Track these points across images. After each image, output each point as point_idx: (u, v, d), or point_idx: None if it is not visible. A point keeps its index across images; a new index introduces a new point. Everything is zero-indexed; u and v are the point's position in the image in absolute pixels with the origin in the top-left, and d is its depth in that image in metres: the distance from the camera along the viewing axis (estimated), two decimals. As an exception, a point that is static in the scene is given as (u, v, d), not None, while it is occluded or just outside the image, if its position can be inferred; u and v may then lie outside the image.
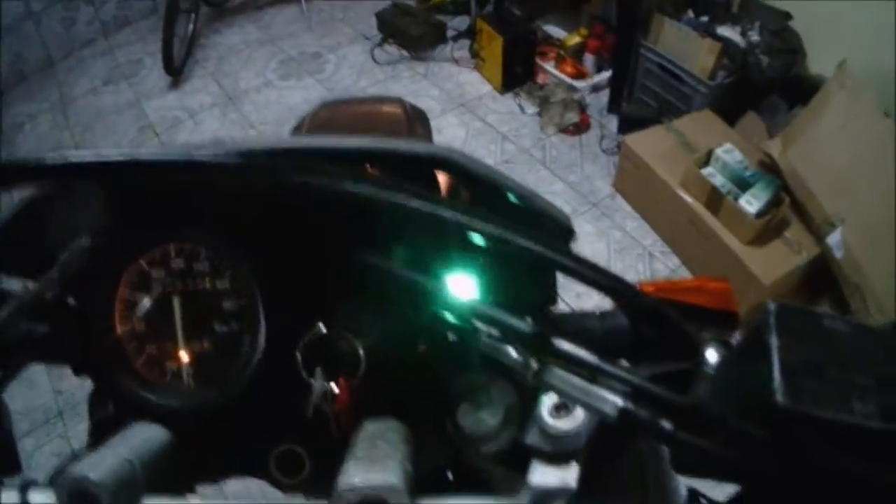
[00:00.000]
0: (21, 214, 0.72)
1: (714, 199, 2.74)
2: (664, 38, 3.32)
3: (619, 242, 3.14)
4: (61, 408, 2.68)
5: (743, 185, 2.70)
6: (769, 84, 3.14)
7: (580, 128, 3.71)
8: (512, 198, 0.66)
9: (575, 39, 3.95)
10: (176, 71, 4.22)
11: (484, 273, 0.71)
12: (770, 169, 2.78)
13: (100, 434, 0.70)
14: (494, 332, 0.56)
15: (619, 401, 0.49)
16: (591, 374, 0.52)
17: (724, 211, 2.71)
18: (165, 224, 0.75)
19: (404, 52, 4.37)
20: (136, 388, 0.75)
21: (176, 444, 0.68)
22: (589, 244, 3.12)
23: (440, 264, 0.69)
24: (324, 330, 0.73)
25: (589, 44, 3.93)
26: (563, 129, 3.71)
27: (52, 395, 2.71)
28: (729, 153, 2.78)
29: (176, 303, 0.75)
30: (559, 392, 0.53)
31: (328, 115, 1.62)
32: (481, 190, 0.67)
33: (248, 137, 3.69)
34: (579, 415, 0.57)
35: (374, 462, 0.58)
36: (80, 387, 1.48)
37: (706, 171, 2.81)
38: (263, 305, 0.74)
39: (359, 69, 4.32)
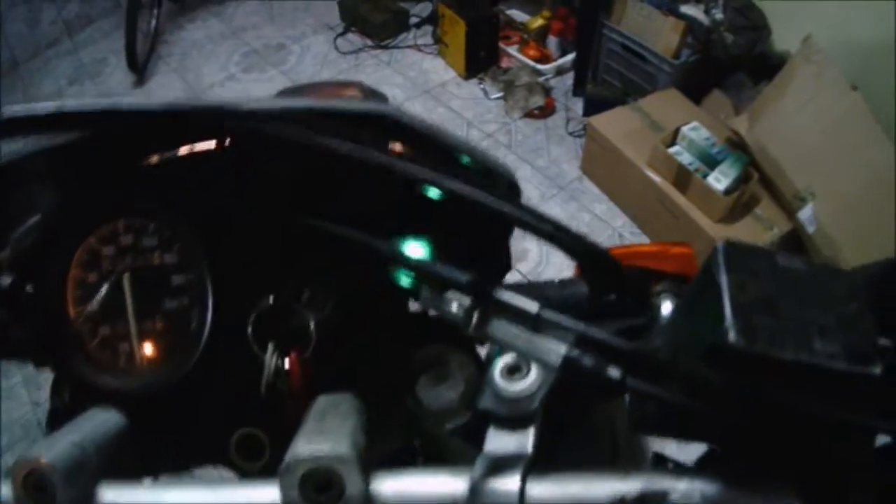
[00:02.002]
0: None
1: (682, 178, 2.72)
2: (627, 17, 3.29)
3: (588, 225, 3.10)
4: (40, 419, 2.60)
5: (711, 162, 2.67)
6: (734, 61, 3.12)
7: (545, 111, 3.67)
8: (463, 158, 0.63)
9: (538, 22, 3.91)
10: (140, 68, 4.15)
11: (435, 239, 0.68)
12: (738, 146, 2.76)
13: (57, 422, 0.68)
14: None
15: (562, 349, 0.47)
16: (534, 323, 0.49)
17: (693, 189, 2.68)
18: (113, 199, 0.72)
19: (367, 41, 4.32)
20: (89, 373, 0.71)
21: (131, 429, 0.66)
22: (558, 228, 3.07)
23: (389, 228, 0.65)
24: (271, 302, 0.69)
25: (552, 26, 3.89)
26: (529, 113, 3.67)
27: (30, 407, 2.64)
28: (695, 131, 2.76)
29: (126, 280, 0.71)
30: (501, 343, 0.50)
31: None
32: (425, 147, 0.64)
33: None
34: (533, 375, 0.53)
35: (322, 433, 0.54)
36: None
37: (673, 149, 2.78)
38: (211, 278, 0.70)
39: (322, 59, 4.26)
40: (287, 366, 0.68)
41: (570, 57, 3.84)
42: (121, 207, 0.72)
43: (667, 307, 0.54)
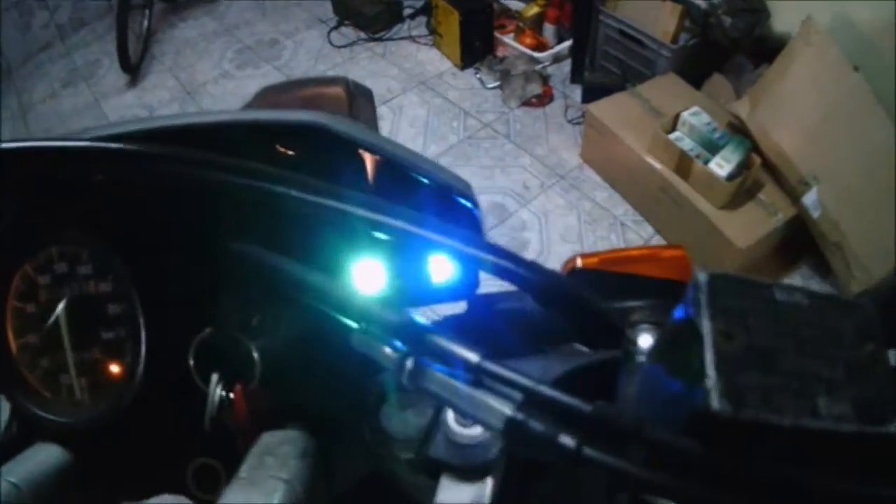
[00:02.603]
0: None
1: (683, 164, 2.68)
2: (624, 2, 3.25)
3: (589, 214, 3.07)
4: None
5: (712, 147, 2.63)
6: (733, 44, 3.07)
7: (543, 99, 3.64)
8: (419, 177, 0.60)
9: (533, 10, 3.85)
10: (133, 68, 4.12)
11: (390, 258, 0.66)
12: (739, 130, 2.71)
13: (4, 456, 0.64)
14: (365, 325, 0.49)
15: (507, 409, 0.40)
16: (476, 375, 0.43)
17: (695, 175, 2.64)
18: (46, 227, 0.70)
19: (361, 34, 4.28)
20: (32, 407, 0.69)
21: (74, 465, 0.64)
22: (560, 217, 3.06)
23: (339, 249, 0.63)
24: (211, 330, 0.66)
25: (548, 13, 3.84)
26: (527, 102, 3.64)
27: None
28: (696, 116, 2.72)
29: (61, 310, 0.69)
30: (437, 398, 0.45)
31: (268, 103, 1.58)
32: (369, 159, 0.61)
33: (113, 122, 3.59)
34: None
35: (254, 484, 0.52)
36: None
37: (674, 135, 2.74)
38: (143, 308, 0.68)
39: (316, 53, 4.23)
40: (233, 398, 0.65)
41: (567, 44, 3.80)
42: (51, 234, 0.70)
43: (645, 340, 0.47)
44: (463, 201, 0.65)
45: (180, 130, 0.63)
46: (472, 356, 0.43)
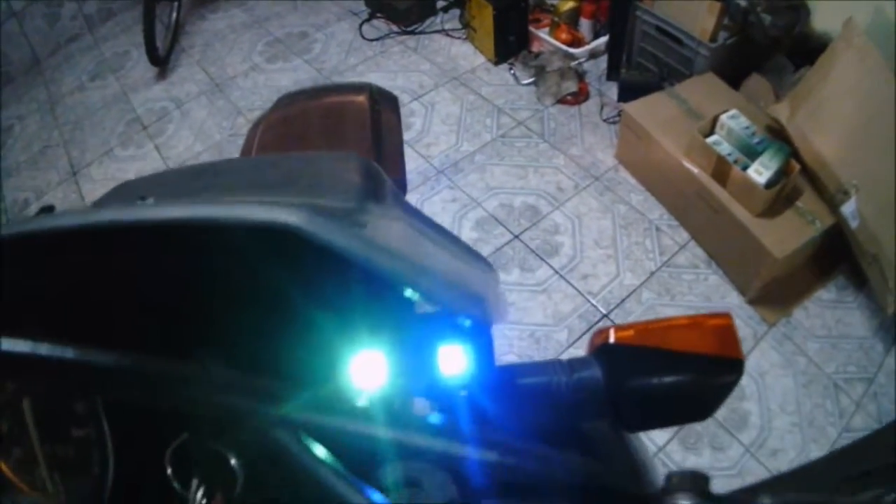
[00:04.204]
0: None
1: (721, 170, 2.63)
2: (661, -1, 3.19)
3: (624, 217, 3.03)
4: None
5: (751, 153, 2.58)
6: (773, 43, 3.01)
7: (579, 97, 3.59)
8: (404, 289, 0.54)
9: (569, 4, 3.79)
10: (161, 61, 4.12)
11: (393, 348, 0.60)
12: (778, 134, 2.66)
13: None
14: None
15: None
16: None
17: (733, 181, 2.60)
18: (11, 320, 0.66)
19: (393, 27, 4.25)
20: (9, 498, 0.66)
21: None
22: (594, 220, 3.03)
23: (336, 340, 0.58)
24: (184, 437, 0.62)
25: (584, 8, 3.78)
26: (561, 99, 3.59)
27: None
28: (735, 119, 2.67)
29: (26, 405, 0.65)
30: None
31: (287, 111, 1.56)
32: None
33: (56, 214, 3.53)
34: None
35: None
36: None
37: (712, 139, 2.69)
38: (106, 411, 0.64)
39: (347, 47, 4.20)
40: None
41: (603, 40, 3.74)
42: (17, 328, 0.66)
43: None
44: (466, 322, 0.59)
45: (129, 229, 0.53)
46: None
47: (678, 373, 0.62)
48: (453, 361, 0.65)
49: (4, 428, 0.67)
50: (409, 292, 0.51)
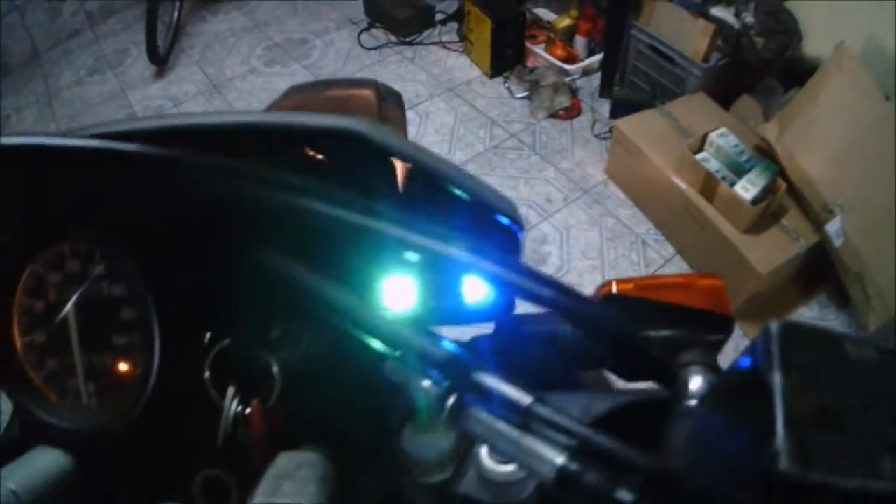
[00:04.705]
0: None
1: (709, 186, 2.66)
2: (656, 19, 3.24)
3: (611, 230, 3.06)
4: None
5: (739, 170, 2.61)
6: (764, 66, 3.06)
7: (571, 112, 3.63)
8: (458, 191, 0.58)
9: (565, 22, 3.85)
10: (160, 60, 4.14)
11: (422, 275, 0.63)
12: (766, 153, 2.69)
13: (4, 457, 0.62)
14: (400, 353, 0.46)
15: (558, 458, 0.38)
16: (525, 419, 0.40)
17: (720, 198, 2.63)
18: (56, 223, 0.68)
19: (391, 37, 4.28)
20: (35, 408, 0.67)
21: (79, 472, 0.62)
22: (582, 232, 3.05)
23: (369, 264, 0.60)
24: (229, 342, 0.64)
25: (580, 26, 3.83)
26: (554, 114, 3.63)
27: None
28: (724, 137, 2.70)
29: (70, 308, 0.66)
30: (480, 440, 0.43)
31: (296, 102, 1.57)
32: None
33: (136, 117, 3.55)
34: None
35: None
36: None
37: (700, 156, 2.73)
38: (158, 315, 0.65)
39: (345, 54, 4.23)
40: (249, 413, 0.63)
41: (598, 58, 3.79)
42: (62, 231, 0.67)
43: (696, 383, 0.45)
44: (504, 220, 0.62)
45: (206, 130, 0.60)
46: (524, 398, 0.41)
47: (673, 325, 0.64)
48: (476, 290, 0.67)
49: (41, 337, 0.68)
50: (456, 191, 0.53)
